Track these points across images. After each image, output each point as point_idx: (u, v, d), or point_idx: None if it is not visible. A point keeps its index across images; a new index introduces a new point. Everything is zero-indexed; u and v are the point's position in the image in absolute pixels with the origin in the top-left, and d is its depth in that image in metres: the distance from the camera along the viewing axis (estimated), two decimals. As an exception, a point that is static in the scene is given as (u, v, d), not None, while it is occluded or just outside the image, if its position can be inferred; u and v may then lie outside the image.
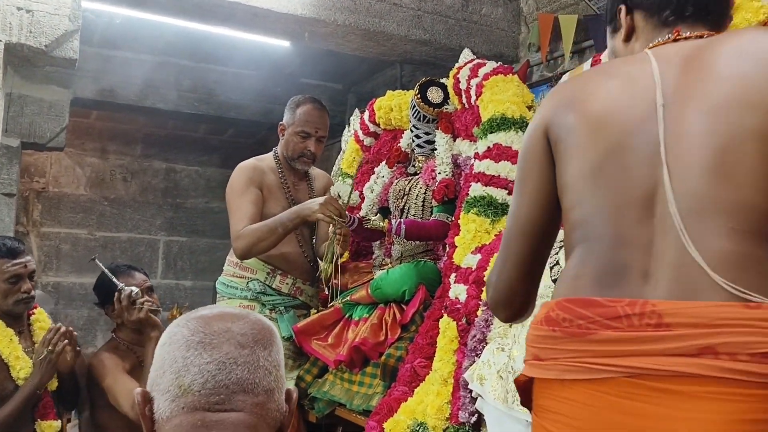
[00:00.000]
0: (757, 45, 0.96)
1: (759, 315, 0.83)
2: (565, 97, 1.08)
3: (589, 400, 0.90)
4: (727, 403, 0.82)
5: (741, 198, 0.88)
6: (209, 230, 5.57)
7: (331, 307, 2.54)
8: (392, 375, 2.21)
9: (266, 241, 2.40)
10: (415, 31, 3.35)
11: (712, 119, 0.93)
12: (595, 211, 0.98)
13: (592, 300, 0.92)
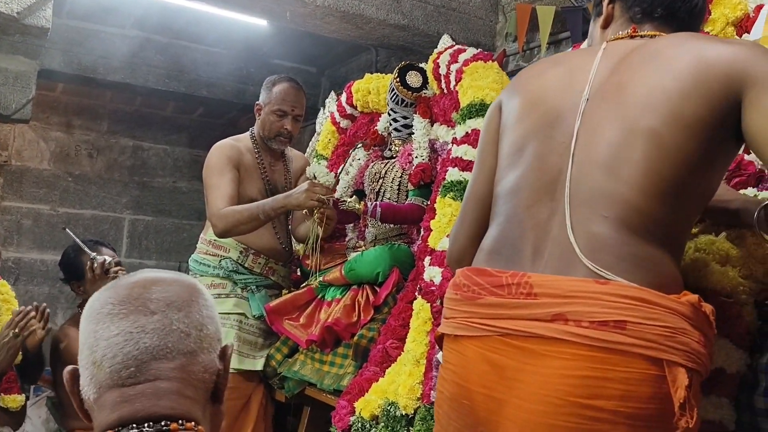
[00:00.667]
0: (677, 52, 1.06)
1: (605, 290, 0.96)
2: (518, 80, 1.22)
3: (468, 353, 1.08)
4: (564, 361, 0.96)
5: (618, 191, 1.01)
6: (176, 210, 5.49)
7: (303, 288, 2.54)
8: (364, 355, 2.22)
9: (246, 226, 2.39)
10: (394, 16, 3.34)
11: (617, 116, 1.04)
12: (509, 190, 1.13)
13: (485, 270, 1.09)
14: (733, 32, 1.75)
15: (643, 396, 0.94)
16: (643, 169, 1.00)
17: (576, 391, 0.95)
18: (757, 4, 1.75)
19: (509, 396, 1.01)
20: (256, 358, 2.50)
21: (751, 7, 1.75)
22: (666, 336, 0.95)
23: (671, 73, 1.03)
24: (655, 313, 0.95)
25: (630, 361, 0.94)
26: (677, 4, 1.16)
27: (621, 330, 0.95)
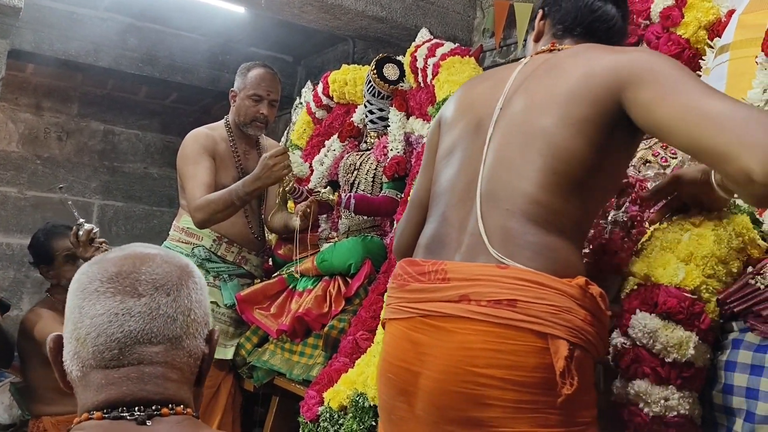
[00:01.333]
0: (573, 62, 1.19)
1: (504, 273, 1.09)
2: (457, 93, 1.36)
3: (395, 333, 1.21)
4: (465, 335, 1.09)
5: (520, 187, 1.14)
6: (146, 197, 5.42)
7: (275, 277, 2.53)
8: (334, 346, 2.23)
9: (223, 213, 2.37)
10: (372, 8, 3.33)
11: (522, 120, 1.18)
12: (441, 191, 1.26)
13: (414, 261, 1.24)
14: (705, 35, 1.78)
15: (529, 365, 1.06)
16: (539, 166, 1.13)
17: (473, 361, 1.08)
18: (729, 8, 1.79)
19: (422, 368, 1.14)
20: (227, 347, 2.49)
21: (723, 12, 1.79)
22: (551, 313, 1.07)
23: (564, 80, 1.17)
24: (545, 294, 1.07)
25: (519, 335, 1.07)
26: (595, 24, 1.29)
27: (512, 307, 1.07)
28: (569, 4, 1.30)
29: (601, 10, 1.28)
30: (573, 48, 1.25)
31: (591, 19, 1.28)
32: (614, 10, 1.30)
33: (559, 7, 1.31)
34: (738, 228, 1.31)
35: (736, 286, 1.24)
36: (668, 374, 1.20)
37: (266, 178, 2.30)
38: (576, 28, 1.29)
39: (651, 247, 1.36)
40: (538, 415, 1.06)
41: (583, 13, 1.28)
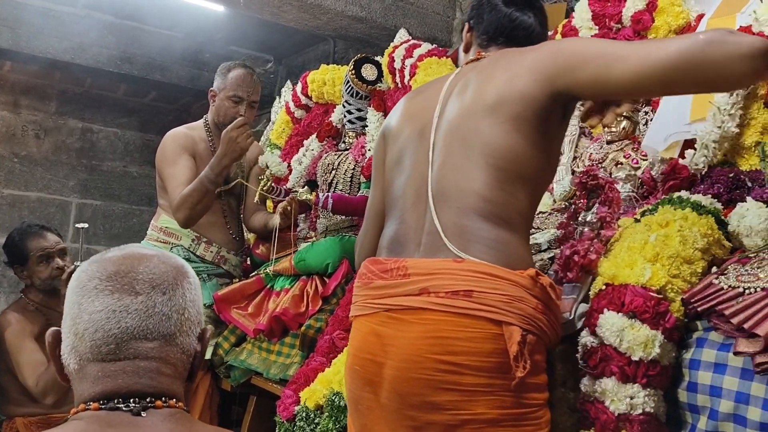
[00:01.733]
0: (496, 65, 1.30)
1: (460, 267, 1.17)
2: (397, 106, 1.45)
3: (361, 328, 1.28)
4: (425, 325, 1.17)
5: (468, 186, 1.23)
6: (125, 195, 5.38)
7: (253, 277, 2.53)
8: (311, 346, 2.23)
9: (202, 204, 2.36)
10: (352, 8, 3.34)
11: (458, 125, 1.28)
12: (396, 196, 1.34)
13: (377, 259, 1.31)
14: (674, 40, 1.81)
15: (485, 351, 1.14)
16: (483, 165, 1.23)
17: (433, 349, 1.15)
18: (699, 13, 1.82)
19: (386, 359, 1.21)
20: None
21: (692, 16, 1.82)
22: (505, 302, 1.15)
23: (492, 84, 1.27)
24: (498, 284, 1.16)
25: (475, 323, 1.14)
26: (515, 32, 1.40)
27: (468, 297, 1.15)
28: (491, 16, 1.41)
29: (519, 20, 1.40)
30: (495, 54, 1.36)
31: (511, 27, 1.39)
32: (532, 19, 1.41)
33: (482, 20, 1.42)
34: (703, 229, 1.34)
35: (700, 286, 1.27)
36: (634, 373, 1.22)
37: (232, 152, 2.29)
38: (498, 38, 1.40)
39: (619, 247, 1.38)
40: (494, 398, 1.14)
41: (503, 23, 1.40)
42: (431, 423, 1.16)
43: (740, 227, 1.35)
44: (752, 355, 1.12)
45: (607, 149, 1.89)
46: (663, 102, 1.77)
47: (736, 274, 1.25)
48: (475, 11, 1.45)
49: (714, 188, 1.49)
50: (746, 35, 1.10)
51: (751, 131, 1.54)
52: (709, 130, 1.54)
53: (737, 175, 1.50)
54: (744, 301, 1.17)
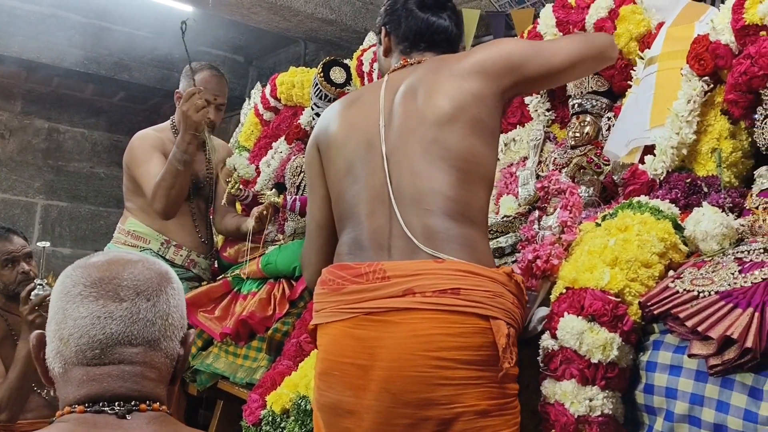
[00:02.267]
0: (436, 74, 1.35)
1: (442, 266, 1.21)
2: (328, 118, 1.45)
3: (335, 333, 1.28)
4: (414, 324, 1.19)
5: (431, 188, 1.27)
6: (92, 197, 5.30)
7: (220, 280, 2.52)
8: (278, 349, 2.23)
9: (176, 188, 2.35)
10: (322, 10, 3.34)
11: (410, 132, 1.31)
12: (349, 206, 1.34)
13: (346, 264, 1.30)
14: (636, 47, 1.85)
15: (475, 345, 1.19)
16: (445, 167, 1.28)
17: (425, 346, 1.18)
18: (659, 21, 1.85)
19: (372, 361, 1.21)
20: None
21: (653, 24, 1.85)
22: (489, 298, 1.21)
23: (440, 90, 1.32)
24: (481, 282, 1.21)
25: (465, 319, 1.19)
26: (435, 36, 1.44)
27: (456, 295, 1.19)
28: (409, 22, 1.44)
29: (437, 24, 1.44)
30: (427, 62, 1.41)
31: (430, 32, 1.44)
32: (447, 22, 1.45)
33: (400, 25, 1.46)
34: (660, 233, 1.37)
35: (657, 290, 1.29)
36: (593, 375, 1.24)
37: (190, 125, 2.28)
38: (420, 44, 1.44)
39: (579, 251, 1.40)
40: (483, 389, 1.19)
41: (422, 28, 1.44)
42: (426, 419, 1.19)
43: (696, 232, 1.38)
44: (706, 358, 1.15)
45: (570, 154, 1.92)
46: (624, 108, 1.80)
47: (691, 278, 1.28)
48: (390, 17, 1.48)
49: (672, 193, 1.52)
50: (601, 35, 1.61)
51: (707, 138, 1.57)
52: (667, 136, 1.57)
53: (694, 181, 1.53)
54: (698, 304, 1.19)
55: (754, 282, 1.21)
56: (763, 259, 1.29)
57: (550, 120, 2.19)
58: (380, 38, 1.52)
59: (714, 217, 1.37)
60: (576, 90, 1.97)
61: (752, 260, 1.29)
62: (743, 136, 1.57)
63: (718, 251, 1.36)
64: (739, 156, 1.56)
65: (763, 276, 1.22)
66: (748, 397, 1.12)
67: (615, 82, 1.91)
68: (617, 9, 1.88)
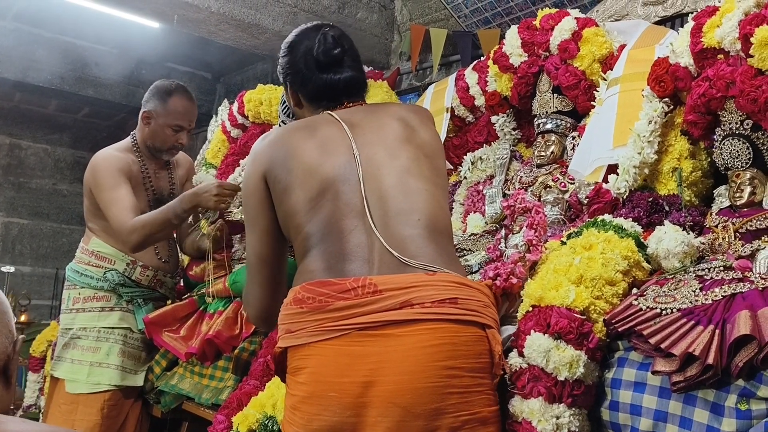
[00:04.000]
0: (387, 113, 1.43)
1: (435, 278, 1.22)
2: (280, 150, 1.39)
3: (327, 353, 1.22)
4: (418, 336, 1.18)
5: (416, 206, 1.30)
6: (54, 214, 5.20)
7: (185, 299, 2.47)
8: (244, 369, 2.19)
9: (161, 233, 2.30)
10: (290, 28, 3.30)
11: (389, 153, 1.35)
12: (320, 226, 1.31)
13: (326, 281, 1.24)
14: (599, 68, 1.89)
15: (478, 352, 1.21)
16: (429, 186, 1.33)
17: (434, 356, 1.17)
18: (621, 43, 1.90)
19: (374, 377, 1.18)
20: (138, 373, 2.41)
21: (615, 46, 1.90)
22: (482, 307, 1.24)
23: (406, 130, 1.39)
24: (472, 293, 1.24)
25: (466, 328, 1.20)
26: (349, 90, 1.44)
27: (455, 305, 1.20)
28: (316, 84, 1.43)
29: (342, 80, 1.43)
30: (367, 106, 1.48)
31: (341, 88, 1.43)
32: (351, 72, 1.44)
33: (305, 85, 1.45)
34: (624, 251, 1.39)
35: (621, 307, 1.31)
36: (560, 393, 1.25)
37: (206, 200, 2.23)
38: (340, 98, 1.44)
39: (545, 269, 1.42)
40: (484, 396, 1.21)
41: (331, 87, 1.43)
42: (436, 429, 1.18)
43: (658, 250, 1.40)
44: (669, 374, 1.17)
45: (536, 173, 1.94)
46: (588, 128, 1.83)
47: (654, 296, 1.30)
48: (292, 76, 1.46)
49: (635, 212, 1.55)
50: None
51: (668, 157, 1.61)
52: (630, 156, 1.61)
53: (656, 200, 1.57)
54: (661, 321, 1.21)
55: (715, 299, 1.24)
56: (722, 276, 1.32)
57: (517, 139, 2.22)
58: (287, 91, 1.51)
59: (675, 235, 1.40)
60: (541, 110, 2.00)
61: (712, 278, 1.33)
62: (703, 156, 1.61)
63: (679, 269, 1.39)
64: (699, 176, 1.60)
65: (723, 293, 1.25)
66: (710, 413, 1.14)
67: (579, 103, 1.95)
68: (580, 31, 1.92)
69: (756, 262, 1.35)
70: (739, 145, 1.45)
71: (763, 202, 1.43)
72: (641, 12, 2.07)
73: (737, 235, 1.41)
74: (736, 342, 1.12)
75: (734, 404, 1.12)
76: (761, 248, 1.37)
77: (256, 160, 1.40)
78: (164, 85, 2.47)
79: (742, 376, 1.12)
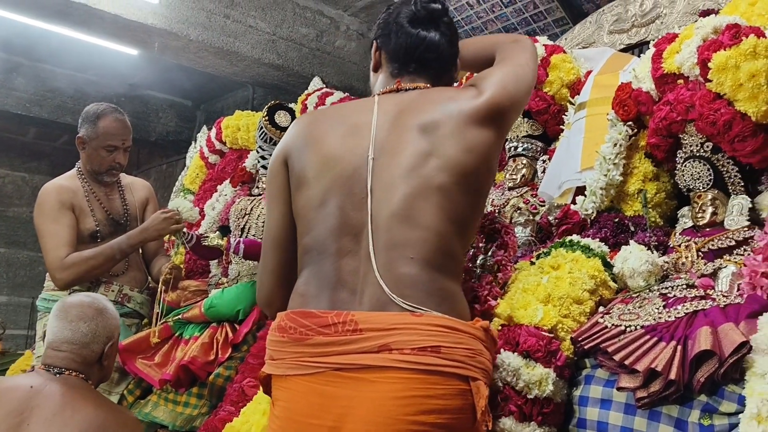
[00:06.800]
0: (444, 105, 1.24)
1: (420, 321, 1.11)
2: (304, 132, 1.31)
3: (300, 389, 1.16)
4: (392, 384, 1.09)
5: (420, 236, 1.16)
6: (31, 243, 5.13)
7: (161, 325, 2.45)
8: (219, 395, 2.17)
9: (101, 269, 2.32)
10: (269, 55, 3.39)
11: (408, 172, 1.19)
12: (318, 242, 1.22)
13: (310, 312, 1.17)
14: (567, 93, 1.93)
15: (455, 408, 1.10)
16: (441, 217, 1.17)
17: (404, 409, 1.08)
18: (587, 69, 1.95)
19: (342, 422, 1.10)
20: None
21: (582, 72, 1.95)
22: (469, 357, 1.12)
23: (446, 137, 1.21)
24: (462, 339, 1.12)
25: (446, 380, 1.10)
26: (426, 55, 1.33)
27: (437, 354, 1.09)
28: (399, 38, 1.33)
29: (427, 40, 1.33)
30: (427, 92, 1.30)
31: (420, 50, 1.32)
32: (439, 38, 1.34)
33: (390, 41, 1.35)
34: (591, 271, 1.42)
35: (587, 325, 1.33)
36: (530, 411, 1.26)
37: (153, 230, 2.31)
38: (410, 64, 1.33)
39: (514, 289, 1.44)
40: None
41: (411, 45, 1.32)
42: None
43: (624, 269, 1.43)
44: (633, 390, 1.18)
45: (508, 195, 1.97)
46: (557, 152, 1.87)
47: (619, 313, 1.32)
48: (382, 30, 1.37)
49: (602, 232, 1.58)
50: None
51: (633, 179, 1.65)
52: (596, 178, 1.64)
53: (622, 220, 1.60)
54: (625, 338, 1.24)
55: (677, 316, 1.26)
56: (685, 294, 1.35)
57: (489, 163, 2.25)
58: (372, 52, 1.41)
59: (640, 255, 1.43)
60: (512, 134, 2.04)
61: (676, 295, 1.35)
62: (666, 178, 1.65)
63: (644, 287, 1.41)
64: (663, 197, 1.64)
65: (686, 310, 1.27)
66: (674, 429, 1.16)
67: (549, 127, 1.99)
68: (548, 57, 1.97)
69: (718, 280, 1.38)
70: (700, 167, 1.49)
71: (725, 222, 1.47)
72: (607, 40, 2.13)
73: (700, 254, 1.44)
74: (697, 358, 1.14)
75: (697, 420, 1.14)
76: (723, 267, 1.40)
77: (286, 138, 1.34)
78: (94, 109, 2.50)
79: (704, 391, 1.14)
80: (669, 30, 1.91)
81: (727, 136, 1.41)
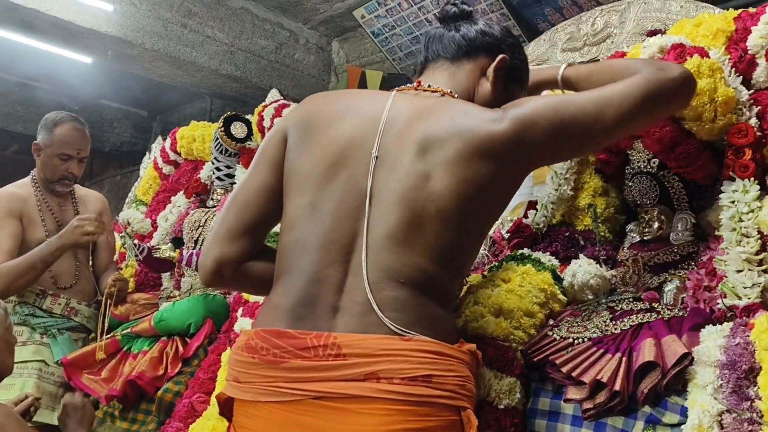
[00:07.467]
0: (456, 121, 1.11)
1: (409, 346, 1.03)
2: (311, 113, 1.20)
3: (274, 417, 1.04)
4: (380, 417, 1.00)
5: (413, 262, 1.07)
6: (-22, 254, 4.97)
7: (107, 339, 2.39)
8: (168, 411, 2.12)
9: (24, 279, 2.26)
10: (227, 67, 3.36)
11: (407, 191, 1.09)
12: (303, 246, 1.11)
13: (285, 332, 1.06)
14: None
15: None
16: (434, 242, 1.08)
17: None
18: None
19: None
20: (54, 410, 2.30)
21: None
22: (459, 385, 1.06)
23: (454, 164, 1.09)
24: (452, 365, 1.06)
25: (437, 411, 1.03)
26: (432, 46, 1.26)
27: (428, 383, 1.02)
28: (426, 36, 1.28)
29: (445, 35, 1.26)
30: (446, 103, 1.17)
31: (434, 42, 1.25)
32: (453, 32, 1.25)
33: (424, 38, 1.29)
34: (541, 284, 1.43)
35: (537, 338, 1.34)
36: (504, 422, 1.25)
37: (71, 242, 2.27)
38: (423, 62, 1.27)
39: (467, 302, 1.44)
40: None
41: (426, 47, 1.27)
42: None
43: (573, 282, 1.45)
44: (580, 402, 1.19)
45: (462, 209, 1.98)
46: (510, 166, 1.89)
47: (568, 326, 1.34)
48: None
49: (552, 246, 1.60)
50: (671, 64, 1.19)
51: (584, 194, 1.68)
52: (548, 193, 1.67)
53: (572, 234, 1.62)
54: (573, 350, 1.25)
55: (624, 329, 1.28)
56: (632, 307, 1.37)
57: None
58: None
59: (589, 268, 1.46)
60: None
61: (623, 308, 1.38)
62: (615, 193, 1.68)
63: (593, 300, 1.43)
64: (612, 211, 1.67)
65: (632, 323, 1.30)
66: (620, 440, 1.17)
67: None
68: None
69: (663, 293, 1.41)
70: (647, 183, 1.53)
71: (671, 236, 1.50)
72: (560, 57, 2.18)
73: (646, 268, 1.47)
74: (641, 369, 1.16)
75: (642, 430, 1.15)
76: (668, 280, 1.43)
77: (290, 114, 1.24)
78: (53, 116, 2.47)
79: (648, 402, 1.16)
80: (619, 49, 1.95)
81: (673, 154, 1.44)
